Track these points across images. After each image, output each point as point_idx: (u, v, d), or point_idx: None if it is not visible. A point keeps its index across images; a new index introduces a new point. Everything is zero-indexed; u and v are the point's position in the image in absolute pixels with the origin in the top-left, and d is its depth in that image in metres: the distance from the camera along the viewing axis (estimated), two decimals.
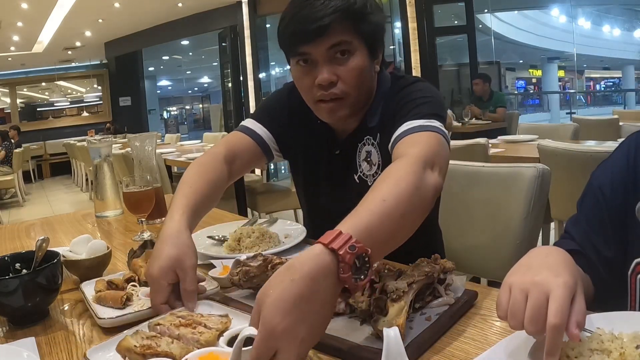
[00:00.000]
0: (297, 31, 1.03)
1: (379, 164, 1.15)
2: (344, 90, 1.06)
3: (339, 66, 1.05)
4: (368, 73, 1.10)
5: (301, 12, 1.03)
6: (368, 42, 1.07)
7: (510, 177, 1.47)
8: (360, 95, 1.10)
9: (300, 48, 1.05)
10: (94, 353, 0.72)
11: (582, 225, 0.88)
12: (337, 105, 1.08)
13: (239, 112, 8.79)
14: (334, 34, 1.02)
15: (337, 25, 1.02)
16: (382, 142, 1.14)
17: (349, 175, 1.20)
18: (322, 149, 1.24)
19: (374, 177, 1.16)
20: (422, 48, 6.75)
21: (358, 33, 1.04)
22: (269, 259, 0.90)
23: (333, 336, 0.75)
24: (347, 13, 1.02)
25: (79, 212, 1.92)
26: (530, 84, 15.96)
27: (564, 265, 0.66)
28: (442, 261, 0.83)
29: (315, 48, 1.03)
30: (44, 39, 10.04)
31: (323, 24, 1.00)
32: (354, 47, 1.05)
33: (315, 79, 1.06)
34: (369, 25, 1.06)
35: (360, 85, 1.09)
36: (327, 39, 1.02)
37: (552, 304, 0.59)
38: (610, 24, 14.33)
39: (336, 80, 1.05)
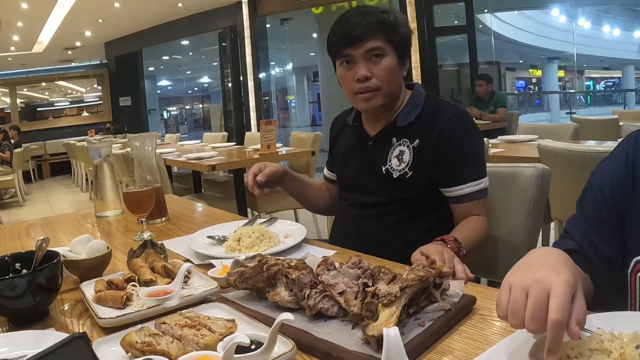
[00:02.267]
0: (343, 37, 1.34)
1: (409, 163, 1.36)
2: (377, 84, 1.34)
3: (373, 65, 1.33)
4: (396, 74, 1.37)
5: (347, 23, 1.34)
6: (397, 49, 1.35)
7: (510, 177, 1.47)
8: (390, 90, 1.36)
9: (345, 50, 1.34)
10: (99, 346, 0.74)
11: (581, 225, 0.88)
12: (372, 95, 1.35)
13: (239, 112, 8.79)
14: (370, 40, 1.31)
15: (373, 34, 1.31)
16: (418, 146, 1.36)
17: (378, 166, 1.41)
18: (356, 142, 1.50)
19: (400, 172, 1.37)
20: (422, 48, 6.75)
21: (389, 41, 1.33)
22: (265, 260, 0.90)
23: (322, 340, 0.75)
24: (381, 25, 1.32)
25: (79, 212, 1.92)
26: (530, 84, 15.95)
27: (564, 264, 0.67)
28: (438, 265, 0.82)
29: (355, 50, 1.33)
30: (44, 39, 10.04)
31: (362, 32, 1.31)
32: (386, 52, 1.33)
33: (355, 75, 1.34)
34: (398, 35, 1.34)
35: (390, 82, 1.35)
36: (365, 44, 1.32)
37: (553, 300, 0.59)
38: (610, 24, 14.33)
39: (371, 76, 1.33)
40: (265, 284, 0.90)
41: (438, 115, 1.36)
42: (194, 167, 3.83)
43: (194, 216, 1.78)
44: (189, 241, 1.27)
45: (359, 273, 0.85)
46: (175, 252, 1.27)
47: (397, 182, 1.37)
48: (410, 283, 0.75)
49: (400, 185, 1.36)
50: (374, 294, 0.74)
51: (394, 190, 1.38)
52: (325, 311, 0.82)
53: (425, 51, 6.75)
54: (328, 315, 0.82)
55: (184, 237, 1.37)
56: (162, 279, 0.98)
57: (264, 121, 3.83)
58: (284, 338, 0.71)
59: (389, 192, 1.38)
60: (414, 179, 1.35)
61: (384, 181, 1.39)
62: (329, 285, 0.82)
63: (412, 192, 1.36)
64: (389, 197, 1.37)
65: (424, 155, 1.34)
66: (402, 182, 1.36)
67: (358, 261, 0.88)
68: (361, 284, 0.81)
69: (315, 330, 0.78)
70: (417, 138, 1.36)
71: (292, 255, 1.18)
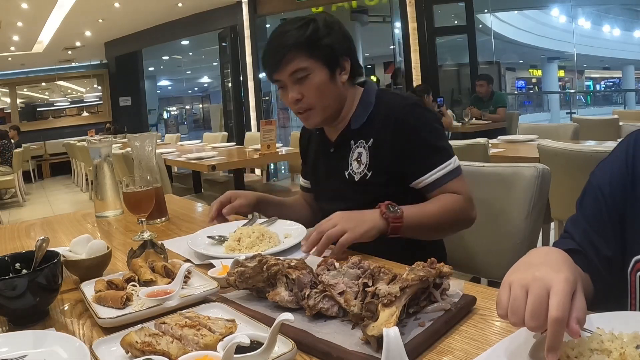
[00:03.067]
0: (267, 64, 1.34)
1: (367, 164, 1.35)
2: (310, 103, 1.33)
3: (301, 86, 1.31)
4: (328, 87, 1.33)
5: (268, 48, 1.33)
6: (324, 61, 1.31)
7: (510, 177, 1.47)
8: (325, 104, 1.34)
9: (273, 76, 1.33)
10: (99, 346, 0.74)
11: (581, 225, 0.88)
12: (307, 115, 1.35)
13: (239, 112, 8.79)
14: (292, 63, 1.29)
15: (292, 56, 1.29)
16: (373, 145, 1.34)
17: (341, 171, 1.40)
18: (321, 149, 1.50)
19: (360, 175, 1.36)
20: (422, 48, 6.75)
21: (312, 57, 1.29)
22: (265, 260, 0.90)
23: (322, 340, 0.75)
24: (300, 44, 1.28)
25: (79, 212, 1.92)
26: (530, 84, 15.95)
27: (564, 263, 0.67)
28: (438, 265, 0.81)
29: (281, 75, 1.31)
30: (44, 39, 10.04)
31: (281, 56, 1.29)
32: (310, 70, 1.30)
33: (288, 98, 1.34)
34: (320, 49, 1.30)
35: (323, 97, 1.33)
36: (287, 68, 1.30)
37: (553, 298, 0.59)
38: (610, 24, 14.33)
39: (301, 98, 1.32)
40: (265, 284, 0.90)
41: (390, 109, 1.33)
42: (194, 167, 3.83)
43: (194, 216, 1.78)
44: (189, 241, 1.27)
45: (359, 273, 0.85)
46: (175, 252, 1.27)
47: (361, 185, 1.35)
48: (410, 283, 0.75)
49: (364, 188, 1.34)
50: (374, 294, 0.74)
51: (360, 193, 1.35)
52: (325, 311, 0.82)
53: (425, 51, 6.76)
54: (328, 315, 0.82)
55: (184, 237, 1.37)
56: (162, 279, 0.98)
57: (264, 121, 3.84)
58: (284, 338, 0.71)
59: (356, 196, 1.34)
60: (374, 179, 1.33)
61: (350, 186, 1.37)
62: (329, 285, 0.82)
63: (378, 192, 1.31)
64: (357, 202, 1.29)
65: (381, 153, 1.32)
66: (365, 184, 1.34)
67: (358, 261, 0.88)
68: (361, 284, 0.81)
69: (315, 330, 0.78)
70: (371, 137, 1.34)
71: (292, 255, 1.18)
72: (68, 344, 0.76)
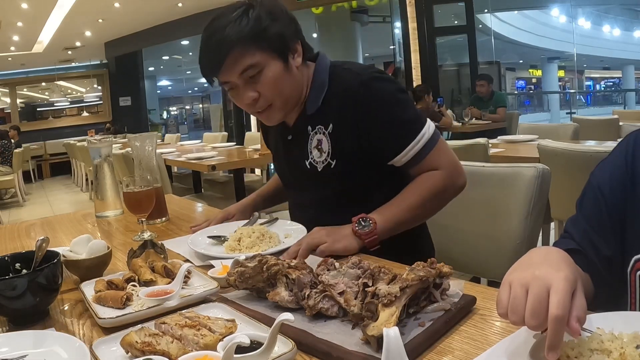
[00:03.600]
0: (208, 66, 1.16)
1: (329, 152, 1.22)
2: (268, 99, 1.18)
3: (255, 83, 1.15)
4: (285, 76, 1.18)
5: (207, 46, 1.15)
6: (275, 51, 1.15)
7: (510, 177, 1.47)
8: (285, 97, 1.20)
9: (218, 79, 1.17)
10: (99, 346, 0.74)
11: (581, 225, 0.88)
12: (268, 114, 1.21)
13: (239, 112, 8.79)
14: (240, 60, 1.12)
15: (238, 54, 1.11)
16: (334, 132, 1.22)
17: (301, 161, 1.28)
18: (279, 137, 1.37)
19: (323, 164, 1.24)
20: (422, 48, 6.76)
21: (261, 49, 1.13)
22: (265, 260, 0.90)
23: (322, 340, 0.75)
24: (243, 39, 1.11)
25: (79, 212, 1.92)
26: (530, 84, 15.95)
27: (564, 262, 0.67)
28: (438, 265, 0.81)
29: (228, 76, 1.15)
30: (44, 39, 10.04)
31: (224, 57, 1.11)
32: (262, 64, 1.13)
33: (242, 100, 1.18)
34: (268, 38, 1.13)
35: (281, 91, 1.18)
36: (235, 67, 1.13)
37: (554, 296, 0.60)
38: (610, 24, 14.33)
39: (258, 96, 1.17)
40: (265, 284, 0.90)
41: (345, 88, 1.19)
42: (194, 167, 3.83)
43: (194, 216, 1.78)
44: (189, 241, 1.27)
45: (359, 273, 0.85)
46: (175, 252, 1.27)
47: (325, 175, 1.23)
48: (410, 283, 0.75)
49: (329, 178, 1.23)
50: (374, 294, 0.74)
51: (325, 184, 1.25)
52: (325, 311, 0.82)
53: (425, 51, 6.76)
54: (328, 315, 0.82)
55: (184, 237, 1.37)
56: (162, 279, 0.98)
57: None
58: (284, 338, 0.71)
59: (321, 188, 1.25)
60: (339, 168, 1.21)
61: (312, 177, 1.26)
62: (329, 285, 0.82)
63: (346, 182, 1.22)
64: (323, 193, 1.22)
65: (343, 138, 1.20)
66: (329, 174, 1.23)
67: (358, 261, 0.88)
68: (361, 284, 0.81)
69: (315, 330, 0.78)
70: (330, 122, 1.21)
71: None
72: (68, 344, 0.76)
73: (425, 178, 1.19)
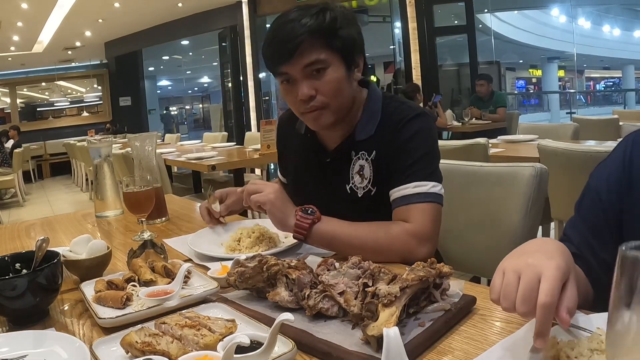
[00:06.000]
0: (275, 54, 1.15)
1: (370, 179, 1.22)
2: (324, 101, 1.16)
3: (316, 81, 1.15)
4: (345, 84, 1.18)
5: (277, 36, 1.14)
6: (342, 55, 1.15)
7: (509, 177, 1.48)
8: (340, 103, 1.19)
9: (280, 69, 1.16)
10: (99, 346, 0.74)
11: (579, 228, 0.88)
12: (319, 114, 1.18)
13: (239, 112, 8.80)
14: (307, 53, 1.12)
15: (309, 45, 1.12)
16: (376, 159, 1.22)
17: (341, 185, 1.26)
18: (312, 157, 1.32)
19: (364, 190, 1.23)
20: (422, 48, 6.76)
21: (330, 48, 1.14)
22: (265, 260, 0.90)
23: (322, 340, 0.75)
24: (317, 32, 1.12)
25: (79, 212, 1.92)
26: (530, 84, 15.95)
27: (558, 252, 0.67)
28: (438, 265, 0.81)
29: (292, 68, 1.14)
30: (44, 39, 10.04)
31: (295, 45, 1.11)
32: (328, 63, 1.14)
33: (297, 95, 1.16)
34: (340, 40, 1.14)
35: (339, 95, 1.17)
36: (302, 59, 1.12)
37: (544, 284, 0.60)
38: (610, 24, 14.33)
39: (315, 94, 1.15)
40: (265, 284, 0.90)
41: (394, 120, 1.21)
42: (194, 167, 3.84)
43: (194, 216, 1.77)
44: (189, 241, 1.27)
45: (359, 273, 0.85)
46: (175, 252, 1.27)
47: (363, 201, 1.22)
48: (410, 283, 0.75)
49: (366, 205, 1.22)
50: (374, 294, 0.74)
51: (361, 209, 1.22)
52: (325, 311, 0.82)
53: (425, 51, 6.76)
54: (328, 315, 0.82)
55: (184, 237, 1.37)
56: (162, 279, 0.98)
57: (264, 121, 3.84)
58: (284, 338, 0.71)
59: (356, 212, 1.19)
60: (379, 196, 1.21)
61: (350, 202, 1.23)
62: (329, 285, 0.82)
63: (380, 209, 1.19)
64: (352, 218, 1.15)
65: (383, 167, 1.20)
66: (368, 200, 1.22)
67: (358, 261, 0.88)
68: (361, 284, 0.81)
69: (315, 330, 0.78)
70: (374, 149, 1.22)
71: (292, 255, 1.18)
72: (68, 344, 0.76)
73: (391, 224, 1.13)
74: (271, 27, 1.17)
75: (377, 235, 1.09)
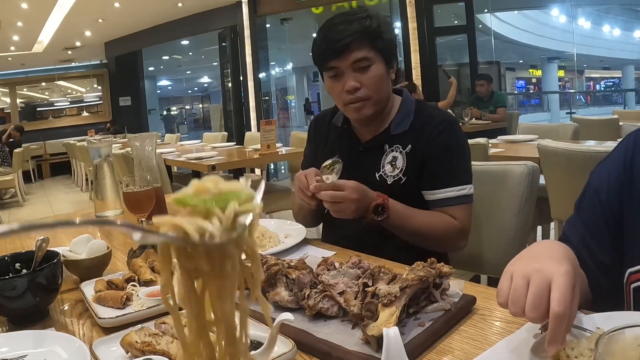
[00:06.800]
0: (327, 50, 1.31)
1: (403, 169, 1.35)
2: (367, 93, 1.32)
3: (361, 75, 1.31)
4: (385, 81, 1.35)
5: (329, 34, 1.31)
6: (384, 55, 1.32)
7: (502, 175, 1.51)
8: (380, 97, 1.34)
9: (330, 63, 1.32)
10: (99, 346, 0.74)
11: (578, 229, 0.88)
12: (362, 105, 1.33)
13: (239, 112, 8.79)
14: (356, 50, 1.29)
15: (358, 44, 1.29)
16: (411, 152, 1.35)
17: (371, 172, 1.38)
18: (346, 147, 1.45)
19: (394, 178, 1.36)
20: (422, 48, 6.75)
21: (375, 49, 1.30)
22: (265, 260, 0.90)
23: (322, 340, 0.75)
24: (365, 33, 1.29)
25: (79, 212, 1.92)
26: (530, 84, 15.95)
27: (566, 257, 0.67)
28: (438, 265, 0.81)
29: (342, 62, 1.30)
30: (44, 39, 10.04)
31: (346, 43, 1.28)
32: (372, 60, 1.31)
33: (343, 86, 1.32)
34: (383, 42, 1.32)
35: (380, 90, 1.33)
36: (351, 55, 1.29)
37: (555, 292, 0.60)
38: (610, 24, 14.33)
39: (360, 86, 1.31)
40: (265, 284, 0.90)
41: (428, 121, 1.36)
42: (194, 167, 3.83)
43: None
44: None
45: (359, 273, 0.85)
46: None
47: (392, 188, 1.34)
48: (410, 283, 0.75)
49: (395, 191, 1.32)
50: (374, 294, 0.74)
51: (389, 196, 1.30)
52: (325, 311, 0.82)
53: (425, 51, 6.75)
54: (328, 315, 0.82)
55: None
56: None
57: (264, 121, 3.84)
58: (284, 338, 0.71)
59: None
60: (408, 185, 1.34)
61: (378, 188, 1.31)
62: (329, 285, 0.82)
63: (406, 197, 1.31)
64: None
65: (416, 161, 1.34)
66: (397, 187, 1.34)
67: (358, 261, 0.88)
68: (361, 284, 0.81)
69: (315, 330, 0.78)
70: (410, 144, 1.36)
71: (292, 255, 1.18)
72: (68, 344, 0.76)
73: (445, 217, 1.30)
74: (321, 30, 1.35)
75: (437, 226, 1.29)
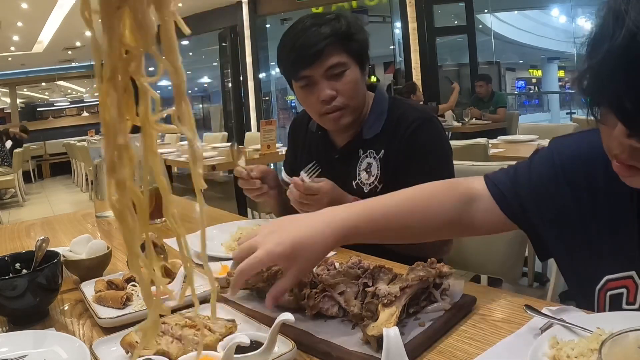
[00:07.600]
0: (298, 58, 1.21)
1: (377, 176, 1.28)
2: (344, 101, 1.24)
3: (336, 82, 1.22)
4: (361, 84, 1.27)
5: (298, 41, 1.21)
6: (357, 58, 1.25)
7: None
8: (357, 103, 1.27)
9: (302, 72, 1.22)
10: (99, 346, 0.74)
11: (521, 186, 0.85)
12: (339, 114, 1.25)
13: (239, 112, 8.79)
14: (330, 56, 1.20)
15: (331, 49, 1.20)
16: (384, 157, 1.27)
17: (348, 181, 1.31)
18: (323, 153, 1.39)
19: (370, 186, 1.29)
20: (422, 48, 6.75)
21: (348, 52, 1.22)
22: None
23: (322, 340, 0.75)
24: (336, 37, 1.20)
25: (79, 212, 1.92)
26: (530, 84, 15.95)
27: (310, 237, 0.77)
28: (438, 265, 0.81)
29: (315, 70, 1.21)
30: (44, 39, 10.04)
31: (318, 49, 1.19)
32: (347, 65, 1.23)
33: (317, 96, 1.23)
34: (355, 43, 1.24)
35: (357, 96, 1.26)
36: (324, 62, 1.20)
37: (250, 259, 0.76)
38: None
39: (336, 95, 1.23)
40: (265, 284, 0.90)
41: (402, 121, 1.27)
42: None
43: (194, 216, 1.77)
44: (189, 241, 1.27)
45: (359, 273, 0.85)
46: (175, 252, 1.26)
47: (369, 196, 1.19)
48: (410, 283, 0.76)
49: None
50: (374, 294, 0.74)
51: None
52: (325, 311, 0.82)
53: (425, 51, 6.76)
54: (328, 315, 0.82)
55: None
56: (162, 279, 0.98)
57: (264, 121, 3.84)
58: (284, 338, 0.71)
59: None
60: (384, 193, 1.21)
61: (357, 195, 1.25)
62: (329, 285, 0.82)
63: None
64: None
65: (390, 166, 1.26)
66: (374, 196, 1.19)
67: (358, 261, 0.88)
68: (361, 284, 0.81)
69: (315, 330, 0.78)
70: (382, 148, 1.28)
71: None
72: (68, 344, 0.76)
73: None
74: (287, 35, 1.24)
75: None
